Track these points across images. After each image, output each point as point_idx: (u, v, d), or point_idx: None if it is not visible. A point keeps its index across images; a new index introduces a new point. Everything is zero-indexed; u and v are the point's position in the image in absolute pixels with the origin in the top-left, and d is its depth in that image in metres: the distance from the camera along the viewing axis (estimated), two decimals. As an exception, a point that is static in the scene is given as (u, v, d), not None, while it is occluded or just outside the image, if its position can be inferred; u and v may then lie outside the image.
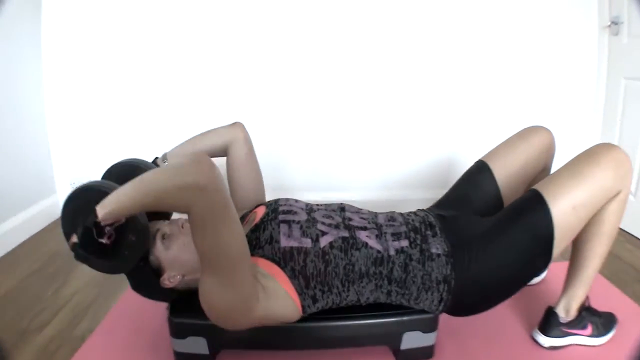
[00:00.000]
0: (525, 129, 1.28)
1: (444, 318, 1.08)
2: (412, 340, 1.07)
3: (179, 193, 0.75)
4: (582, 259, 1.09)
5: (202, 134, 1.23)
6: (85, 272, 1.58)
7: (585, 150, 1.01)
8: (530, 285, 1.47)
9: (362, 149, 2.23)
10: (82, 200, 0.84)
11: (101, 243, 0.82)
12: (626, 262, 1.66)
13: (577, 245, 1.09)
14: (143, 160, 1.12)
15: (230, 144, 1.20)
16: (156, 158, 1.20)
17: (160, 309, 1.01)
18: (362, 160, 2.24)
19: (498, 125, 2.14)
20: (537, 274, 1.02)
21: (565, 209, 0.94)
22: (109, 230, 0.82)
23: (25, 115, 2.03)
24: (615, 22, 2.00)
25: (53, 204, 2.17)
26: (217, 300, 0.85)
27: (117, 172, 1.06)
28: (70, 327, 1.26)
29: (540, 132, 1.25)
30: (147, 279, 0.96)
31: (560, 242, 0.96)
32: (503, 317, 1.30)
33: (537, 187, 1.00)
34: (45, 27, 2.06)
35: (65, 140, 2.18)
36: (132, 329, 1.24)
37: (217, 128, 1.23)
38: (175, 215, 1.08)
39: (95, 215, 0.77)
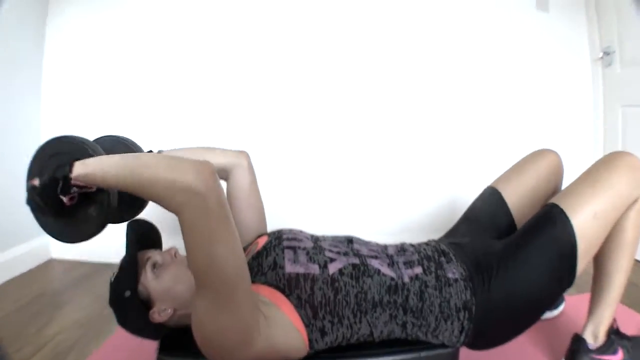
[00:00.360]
0: (532, 153, 1.26)
1: (461, 354, 0.98)
2: (430, 378, 0.96)
3: (171, 188, 0.69)
4: (606, 275, 1.03)
5: (205, 148, 1.16)
6: (70, 314, 1.49)
7: (598, 160, 0.99)
8: (549, 318, 1.38)
9: (365, 195, 2.16)
10: (63, 149, 0.77)
11: (61, 201, 0.74)
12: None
13: (600, 261, 1.03)
14: (138, 145, 1.05)
15: (233, 168, 1.13)
16: (150, 151, 1.11)
17: (149, 353, 0.91)
18: (364, 206, 2.17)
19: (500, 165, 2.10)
20: (562, 293, 0.95)
21: (586, 218, 0.90)
22: (74, 192, 0.74)
23: (22, 156, 2.00)
24: (607, 53, 2.04)
25: (43, 245, 2.10)
26: (211, 327, 0.76)
27: (106, 146, 0.96)
28: (52, 367, 1.16)
29: (548, 154, 1.23)
30: (135, 313, 0.87)
31: (584, 254, 0.90)
32: (525, 351, 1.20)
33: (554, 200, 0.96)
34: (47, 65, 2.09)
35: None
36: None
37: (222, 149, 1.17)
38: (166, 246, 1.00)
39: (70, 170, 0.71)
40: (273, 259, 0.90)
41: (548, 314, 1.39)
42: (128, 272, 0.86)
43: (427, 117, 2.14)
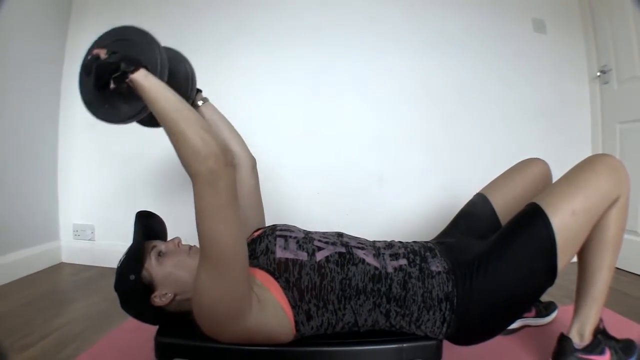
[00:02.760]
0: (520, 161, 1.30)
1: (446, 353, 1.00)
2: (413, 371, 0.99)
3: (193, 154, 0.75)
4: (590, 273, 1.04)
5: (233, 129, 1.22)
6: (77, 310, 1.55)
7: (579, 162, 1.02)
8: (541, 325, 1.39)
9: (355, 202, 2.19)
10: (142, 47, 0.85)
11: (108, 82, 0.82)
12: (636, 298, 1.61)
13: (584, 259, 1.05)
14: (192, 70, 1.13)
15: (240, 163, 1.18)
16: (199, 91, 1.17)
17: (150, 344, 0.96)
18: (355, 212, 2.20)
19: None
20: (543, 289, 0.97)
21: (565, 215, 0.93)
22: (122, 86, 0.82)
23: (40, 168, 2.16)
24: (603, 71, 2.10)
25: (55, 249, 2.19)
26: (206, 297, 0.82)
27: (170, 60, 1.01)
28: (55, 352, 1.20)
29: (536, 162, 1.27)
30: (137, 296, 0.93)
31: (564, 250, 0.93)
32: (512, 351, 1.21)
33: (534, 200, 0.99)
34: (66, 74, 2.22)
35: (72, 194, 2.27)
36: (119, 356, 1.18)
37: (242, 140, 1.23)
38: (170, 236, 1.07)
39: (133, 72, 0.79)
40: (265, 245, 0.96)
41: (540, 321, 1.40)
42: (133, 258, 0.93)
43: (426, 128, 2.21)
